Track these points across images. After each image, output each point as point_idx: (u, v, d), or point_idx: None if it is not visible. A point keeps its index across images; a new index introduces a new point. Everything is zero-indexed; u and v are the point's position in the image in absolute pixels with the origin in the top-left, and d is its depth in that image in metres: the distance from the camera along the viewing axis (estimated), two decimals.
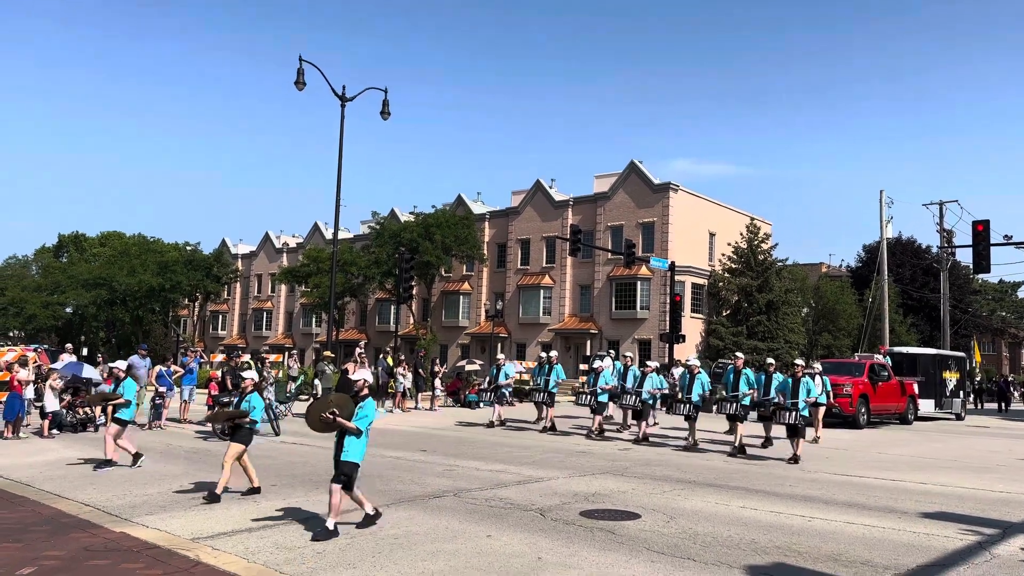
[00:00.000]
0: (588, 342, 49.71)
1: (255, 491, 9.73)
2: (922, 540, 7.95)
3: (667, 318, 35.42)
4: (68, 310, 64.45)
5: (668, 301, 34.83)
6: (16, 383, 15.92)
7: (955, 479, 12.63)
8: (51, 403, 16.27)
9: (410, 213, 56.95)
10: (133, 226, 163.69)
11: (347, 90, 26.25)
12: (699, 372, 16.75)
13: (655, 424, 20.62)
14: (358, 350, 24.99)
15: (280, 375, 24.07)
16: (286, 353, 43.57)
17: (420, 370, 28.23)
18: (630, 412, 18.84)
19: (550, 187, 55.73)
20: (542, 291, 53.65)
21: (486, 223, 58.09)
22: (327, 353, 23.47)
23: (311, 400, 24.11)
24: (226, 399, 16.56)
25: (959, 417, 29.17)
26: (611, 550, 7.21)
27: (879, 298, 42.11)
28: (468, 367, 32.90)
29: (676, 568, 6.65)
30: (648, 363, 18.44)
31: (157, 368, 19.60)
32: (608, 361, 19.72)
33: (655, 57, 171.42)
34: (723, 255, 49.58)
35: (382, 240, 52.81)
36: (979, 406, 39.86)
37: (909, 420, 25.16)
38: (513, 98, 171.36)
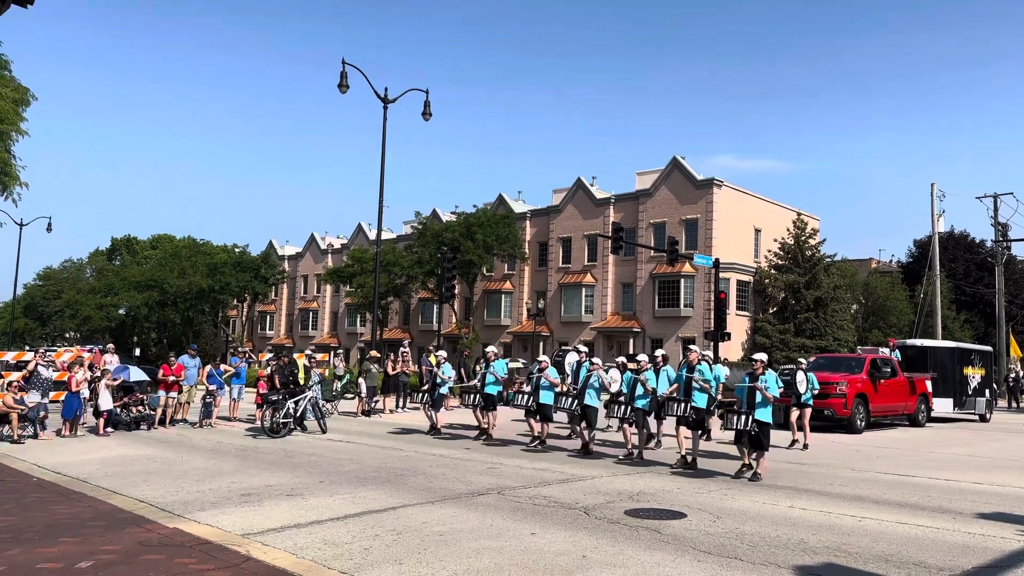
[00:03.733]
0: (631, 340, 49.44)
1: None
2: (978, 541, 7.74)
3: (712, 316, 35.05)
4: (121, 311, 66.26)
5: (713, 299, 34.46)
6: (73, 383, 16.40)
7: (1013, 479, 12.27)
8: (106, 402, 16.73)
9: (452, 213, 57.29)
10: (183, 229, 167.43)
11: (388, 91, 26.49)
12: (648, 369, 13.64)
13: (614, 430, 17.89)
14: (402, 349, 25.25)
15: (326, 374, 24.41)
16: (331, 352, 44.24)
17: (463, 369, 28.36)
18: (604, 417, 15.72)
19: (591, 185, 55.55)
20: (584, 289, 53.49)
21: (527, 222, 58.14)
22: (372, 353, 23.72)
23: (356, 398, 24.46)
24: (275, 397, 16.86)
25: (983, 419, 26.00)
26: (657, 549, 7.16)
27: (931, 294, 41.11)
28: (511, 364, 32.91)
29: (723, 568, 6.58)
30: (594, 359, 14.85)
31: (207, 368, 20.04)
32: (573, 356, 16.06)
33: (696, 52, 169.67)
34: (769, 251, 48.85)
35: (424, 240, 53.26)
36: (1013, 405, 37.11)
37: (920, 422, 22.50)
38: (552, 96, 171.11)
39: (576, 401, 14.35)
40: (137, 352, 54.69)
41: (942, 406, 24.52)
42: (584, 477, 11.50)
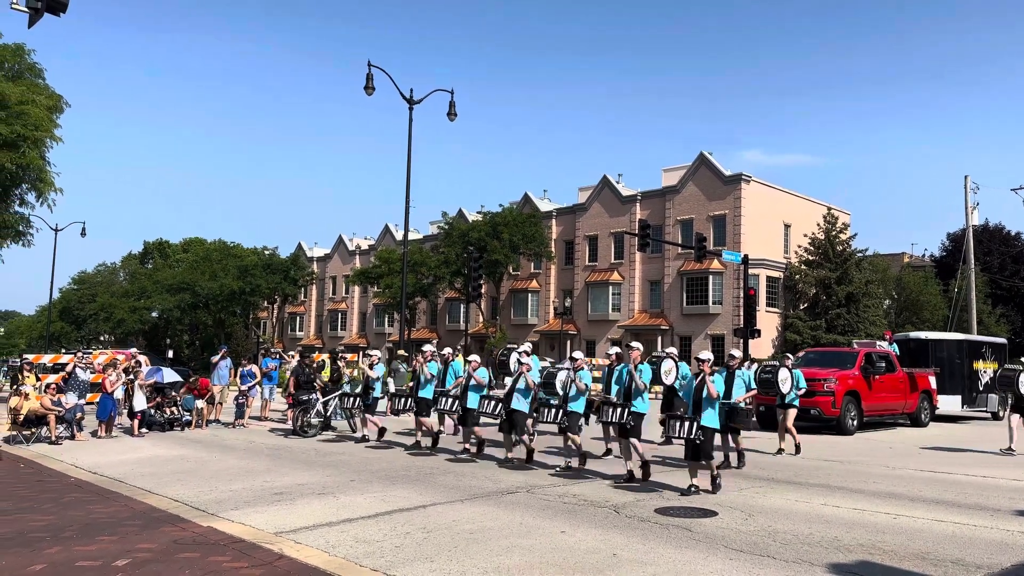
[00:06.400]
0: (659, 338, 49.15)
1: None
2: (1017, 539, 7.59)
3: (741, 313, 34.74)
4: (154, 314, 67.16)
5: (742, 295, 34.14)
6: (107, 384, 16.68)
7: None
8: (140, 403, 16.98)
9: (477, 212, 57.37)
10: (214, 232, 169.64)
11: (413, 92, 26.58)
12: (583, 369, 11.97)
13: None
14: (430, 348, 25.29)
15: (355, 374, 24.52)
16: (360, 353, 44.58)
17: (490, 368, 28.26)
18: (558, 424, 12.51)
19: (617, 182, 55.31)
20: (611, 287, 53.28)
21: (553, 220, 58.03)
22: (400, 352, 23.81)
23: (386, 398, 24.54)
24: (305, 397, 16.99)
25: (996, 416, 23.83)
26: (688, 547, 7.11)
27: (965, 288, 40.39)
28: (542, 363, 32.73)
29: (755, 566, 6.52)
30: (524, 359, 13.17)
31: (240, 368, 20.29)
32: (515, 355, 14.14)
33: (722, 48, 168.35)
34: (799, 247, 48.31)
35: (451, 240, 53.42)
36: None
37: (923, 421, 20.83)
38: (578, 94, 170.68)
39: (500, 405, 12.57)
40: (170, 354, 55.49)
41: (949, 404, 22.81)
42: (614, 475, 11.46)
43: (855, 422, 18.32)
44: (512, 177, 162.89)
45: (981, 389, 24.06)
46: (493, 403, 12.72)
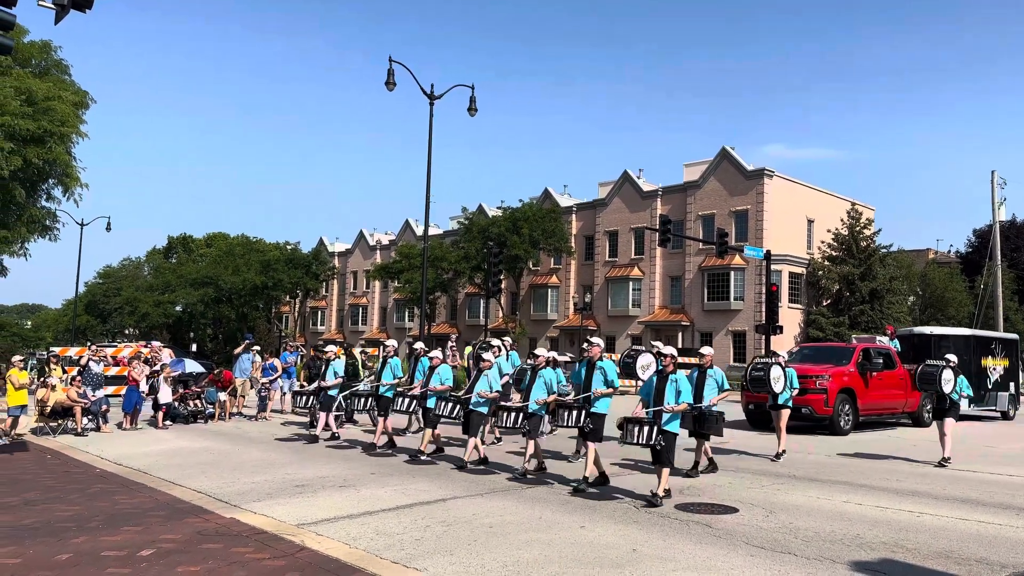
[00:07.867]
0: (680, 334, 48.93)
1: None
2: None
3: (763, 309, 34.49)
4: (178, 308, 67.89)
5: (764, 291, 33.93)
6: (132, 377, 16.90)
7: None
8: (164, 396, 17.18)
9: (497, 208, 57.37)
10: (236, 227, 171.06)
11: (434, 87, 26.60)
12: (544, 368, 11.16)
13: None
14: (449, 343, 25.36)
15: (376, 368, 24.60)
16: (380, 347, 44.75)
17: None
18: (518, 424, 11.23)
19: (638, 177, 55.06)
20: (631, 283, 53.09)
21: (573, 215, 57.90)
22: (422, 346, 23.83)
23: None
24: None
25: (1006, 416, 22.91)
26: (708, 543, 7.09)
27: (991, 284, 39.85)
28: (559, 359, 32.64)
29: (776, 562, 6.48)
30: (486, 356, 12.16)
31: (262, 362, 20.44)
32: (490, 355, 12.48)
33: (743, 42, 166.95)
34: (822, 242, 47.84)
35: (471, 235, 53.48)
36: None
37: (925, 421, 19.59)
38: (599, 89, 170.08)
39: (459, 407, 11.87)
40: (194, 348, 56.08)
41: None
42: (633, 471, 11.44)
43: (849, 422, 17.48)
44: (532, 172, 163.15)
45: (990, 387, 23.07)
46: (451, 405, 11.97)
